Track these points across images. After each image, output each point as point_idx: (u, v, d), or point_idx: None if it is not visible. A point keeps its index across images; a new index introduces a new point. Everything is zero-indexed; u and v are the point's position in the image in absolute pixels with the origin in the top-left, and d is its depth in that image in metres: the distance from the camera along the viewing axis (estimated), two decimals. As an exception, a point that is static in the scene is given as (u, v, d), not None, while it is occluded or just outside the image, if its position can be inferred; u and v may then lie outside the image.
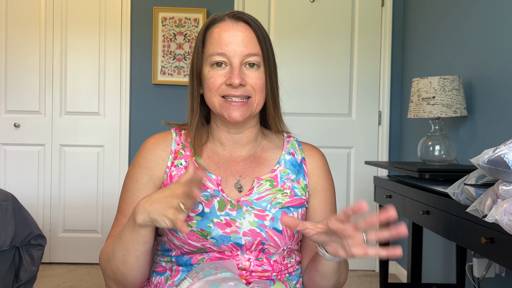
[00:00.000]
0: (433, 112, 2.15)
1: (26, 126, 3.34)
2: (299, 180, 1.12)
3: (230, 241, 1.01)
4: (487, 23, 2.15)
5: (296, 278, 1.09)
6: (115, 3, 3.34)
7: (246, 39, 1.05)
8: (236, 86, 1.03)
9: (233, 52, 1.04)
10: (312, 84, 3.35)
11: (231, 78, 1.03)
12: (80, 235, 3.36)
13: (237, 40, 1.04)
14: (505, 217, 1.03)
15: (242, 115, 1.05)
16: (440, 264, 2.61)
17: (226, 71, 1.05)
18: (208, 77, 1.06)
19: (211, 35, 1.07)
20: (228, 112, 1.05)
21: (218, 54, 1.04)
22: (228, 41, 1.04)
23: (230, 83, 1.03)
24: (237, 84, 1.02)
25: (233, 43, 1.04)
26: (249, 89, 1.05)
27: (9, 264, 2.08)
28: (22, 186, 3.33)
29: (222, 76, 1.05)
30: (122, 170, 3.36)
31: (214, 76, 1.05)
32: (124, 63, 3.35)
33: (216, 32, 1.06)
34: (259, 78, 1.06)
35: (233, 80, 1.02)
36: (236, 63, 1.04)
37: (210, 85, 1.05)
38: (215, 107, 1.07)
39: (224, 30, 1.05)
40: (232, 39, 1.04)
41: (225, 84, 1.04)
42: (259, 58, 1.06)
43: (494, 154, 1.06)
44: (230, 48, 1.04)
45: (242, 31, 1.06)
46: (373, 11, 3.34)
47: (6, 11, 3.31)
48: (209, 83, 1.05)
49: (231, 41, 1.04)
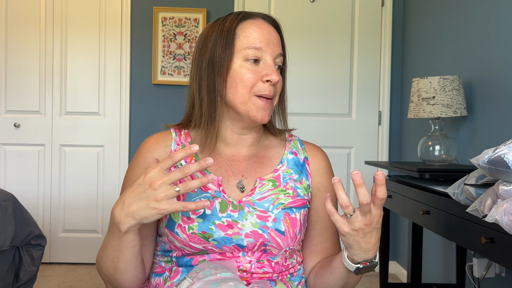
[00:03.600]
0: (433, 112, 2.15)
1: (26, 126, 3.34)
2: (302, 180, 1.11)
3: (232, 243, 1.00)
4: (487, 23, 2.15)
5: (297, 278, 1.09)
6: (115, 3, 3.34)
7: (277, 40, 1.06)
8: (276, 82, 1.02)
9: (269, 49, 1.03)
10: (312, 84, 3.35)
11: (271, 74, 1.01)
12: (80, 235, 3.36)
13: (273, 39, 1.05)
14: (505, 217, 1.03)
15: (269, 115, 1.05)
16: (440, 264, 2.61)
17: (260, 68, 1.03)
18: (243, 72, 1.02)
19: (245, 29, 1.04)
20: (258, 111, 1.02)
21: (254, 48, 1.02)
22: (265, 38, 1.04)
23: (269, 79, 1.01)
24: (276, 81, 1.02)
25: (269, 41, 1.04)
26: (276, 90, 1.05)
27: (9, 264, 2.08)
28: (22, 186, 3.33)
29: (258, 73, 1.02)
30: (122, 170, 3.36)
31: (250, 71, 1.02)
32: (124, 63, 3.35)
33: (252, 28, 1.04)
34: (281, 80, 1.08)
35: (273, 76, 1.01)
36: (270, 60, 1.03)
37: (246, 80, 1.02)
38: (244, 105, 1.03)
39: (260, 27, 1.05)
40: (268, 37, 1.04)
41: (261, 81, 1.02)
42: (283, 60, 1.08)
43: (494, 154, 1.06)
44: (266, 44, 1.03)
45: (274, 32, 1.07)
46: (373, 11, 3.34)
47: (6, 11, 3.31)
48: (244, 78, 1.02)
49: (267, 39, 1.04)
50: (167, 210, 0.87)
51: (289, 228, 1.02)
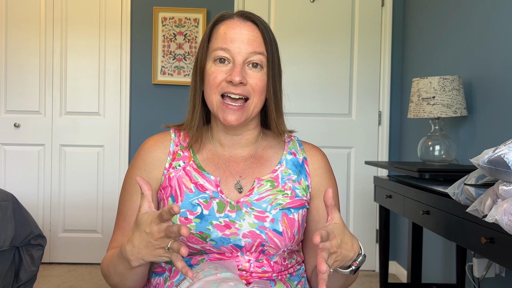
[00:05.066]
0: (433, 112, 2.15)
1: (26, 126, 3.34)
2: (301, 181, 1.11)
3: (230, 243, 1.00)
4: (487, 23, 2.15)
5: (297, 278, 1.09)
6: (115, 3, 3.34)
7: (252, 38, 1.04)
8: (236, 83, 1.01)
9: (237, 49, 1.03)
10: (312, 84, 3.35)
11: (232, 75, 1.01)
12: (80, 235, 3.36)
13: (243, 38, 1.04)
14: (505, 217, 1.03)
15: (238, 120, 1.03)
16: (440, 264, 2.61)
17: (228, 68, 1.03)
18: (210, 73, 1.04)
19: (217, 31, 1.06)
20: (223, 115, 1.03)
21: (222, 49, 1.03)
22: (234, 37, 1.03)
23: (230, 79, 1.01)
24: (237, 82, 1.01)
25: (238, 41, 1.03)
26: (249, 89, 1.04)
27: (9, 264, 2.08)
28: (22, 186, 3.33)
29: (224, 73, 1.03)
30: (122, 170, 3.36)
31: (215, 71, 1.04)
32: (124, 63, 3.35)
33: (223, 28, 1.05)
34: (260, 79, 1.05)
35: (234, 77, 1.01)
36: (239, 61, 1.03)
37: (211, 80, 1.04)
38: (213, 106, 1.05)
39: (231, 27, 1.05)
40: (237, 37, 1.04)
41: (225, 81, 1.03)
42: (263, 58, 1.05)
43: (494, 154, 1.06)
44: (234, 45, 1.03)
45: (248, 30, 1.05)
46: (373, 11, 3.34)
47: (6, 11, 3.31)
48: (210, 79, 1.04)
49: (237, 38, 1.03)
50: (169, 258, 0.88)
51: (287, 228, 1.02)
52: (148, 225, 0.86)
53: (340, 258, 0.89)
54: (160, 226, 0.85)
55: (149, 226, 0.86)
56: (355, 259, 0.93)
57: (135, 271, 0.96)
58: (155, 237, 0.85)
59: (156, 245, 0.87)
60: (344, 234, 0.90)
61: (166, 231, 0.84)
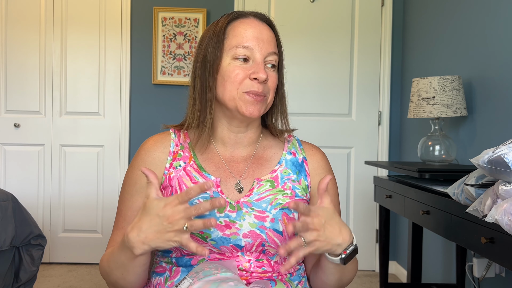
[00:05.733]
0: (433, 112, 2.15)
1: (26, 126, 3.34)
2: (300, 181, 1.11)
3: (230, 243, 1.00)
4: (487, 23, 2.15)
5: (297, 278, 1.09)
6: (115, 3, 3.34)
7: (269, 38, 1.07)
8: (263, 80, 1.03)
9: (258, 47, 1.04)
10: (312, 84, 3.35)
11: (258, 72, 1.02)
12: (80, 235, 3.36)
13: (263, 37, 1.05)
14: (505, 217, 1.03)
15: (259, 110, 1.05)
16: (440, 264, 2.61)
17: (248, 66, 1.04)
18: (231, 70, 1.04)
19: (235, 28, 1.06)
20: (247, 106, 1.03)
21: (243, 47, 1.03)
22: (255, 36, 1.05)
23: (256, 77, 1.02)
24: (263, 79, 1.02)
25: (259, 39, 1.05)
26: (267, 88, 1.05)
27: (9, 264, 2.08)
28: (22, 186, 3.33)
29: (245, 70, 1.04)
30: (122, 170, 3.36)
31: (237, 68, 1.04)
32: (124, 63, 3.35)
33: (242, 27, 1.06)
34: (276, 78, 1.08)
35: (260, 74, 1.02)
36: (259, 59, 1.04)
37: (233, 77, 1.03)
38: (233, 101, 1.04)
39: (251, 25, 1.06)
40: (258, 35, 1.05)
41: (249, 78, 1.03)
42: (277, 59, 1.08)
43: (494, 154, 1.06)
44: (255, 43, 1.04)
45: (266, 30, 1.07)
46: (373, 11, 3.34)
47: (6, 11, 3.31)
48: (231, 75, 1.03)
49: (257, 37, 1.05)
50: (178, 243, 0.89)
51: (287, 228, 1.02)
52: (161, 209, 0.89)
53: (323, 239, 0.92)
54: (177, 208, 0.88)
55: (163, 210, 0.88)
56: (346, 248, 0.95)
57: (137, 261, 0.95)
58: (169, 220, 0.88)
59: (168, 228, 0.88)
60: (331, 218, 0.93)
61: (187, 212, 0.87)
